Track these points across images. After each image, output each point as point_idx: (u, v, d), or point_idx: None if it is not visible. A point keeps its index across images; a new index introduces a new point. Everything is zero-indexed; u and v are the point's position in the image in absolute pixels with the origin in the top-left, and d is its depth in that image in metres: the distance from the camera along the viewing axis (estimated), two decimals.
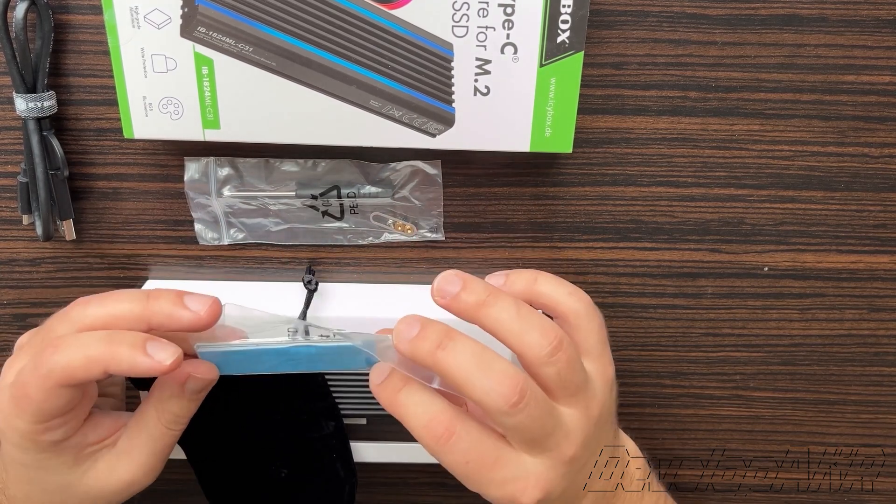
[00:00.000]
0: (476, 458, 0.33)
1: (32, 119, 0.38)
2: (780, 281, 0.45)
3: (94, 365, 0.31)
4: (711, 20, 0.39)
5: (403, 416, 0.33)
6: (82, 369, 0.31)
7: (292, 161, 0.41)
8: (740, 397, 0.48)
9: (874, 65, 0.40)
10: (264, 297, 0.43)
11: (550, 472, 0.33)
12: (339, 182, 0.41)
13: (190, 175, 0.41)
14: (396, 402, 0.33)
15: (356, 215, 0.42)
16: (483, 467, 0.33)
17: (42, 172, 0.38)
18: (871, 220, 0.44)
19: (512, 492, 0.33)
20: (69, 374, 0.31)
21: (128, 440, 0.35)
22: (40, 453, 0.34)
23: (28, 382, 0.32)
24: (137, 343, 0.31)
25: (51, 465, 0.34)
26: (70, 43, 0.38)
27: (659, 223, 0.43)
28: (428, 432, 0.32)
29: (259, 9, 0.35)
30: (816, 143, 0.42)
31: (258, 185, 0.41)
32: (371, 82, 0.36)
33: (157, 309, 0.32)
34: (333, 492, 0.44)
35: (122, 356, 0.31)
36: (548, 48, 0.36)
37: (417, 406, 0.33)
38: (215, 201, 0.41)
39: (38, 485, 0.35)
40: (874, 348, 0.47)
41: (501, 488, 0.33)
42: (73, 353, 0.31)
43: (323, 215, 0.42)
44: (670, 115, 0.41)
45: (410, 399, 0.33)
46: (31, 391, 0.31)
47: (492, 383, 0.31)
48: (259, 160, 0.41)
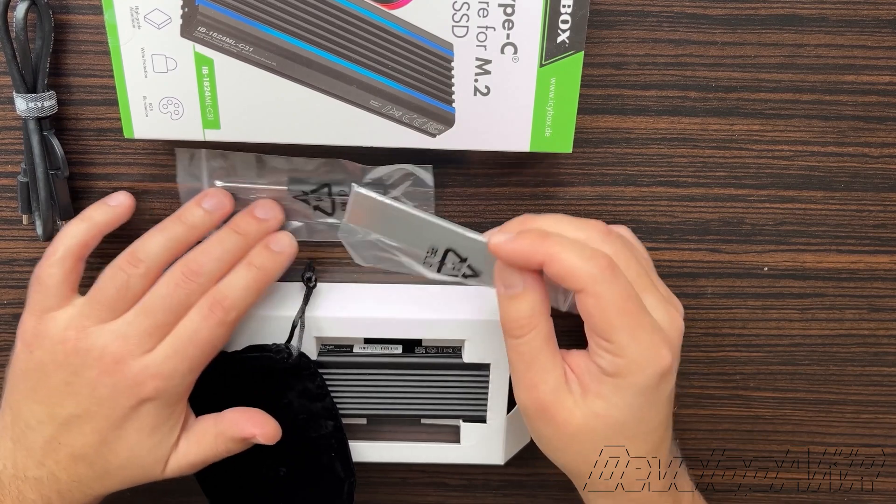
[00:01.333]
0: (634, 294, 0.33)
1: (33, 119, 0.38)
2: (780, 281, 0.45)
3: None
4: (711, 20, 0.39)
5: (558, 254, 0.33)
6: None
7: (284, 157, 0.41)
8: (740, 397, 0.48)
9: (874, 65, 0.40)
10: (264, 295, 0.42)
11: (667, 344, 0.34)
12: (331, 181, 0.41)
13: (182, 165, 0.41)
14: (547, 243, 0.34)
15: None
16: (640, 307, 0.33)
17: (42, 172, 0.38)
18: (871, 220, 0.44)
19: (656, 344, 0.33)
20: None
21: (186, 445, 0.40)
22: (170, 406, 0.38)
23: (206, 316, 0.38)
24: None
25: (142, 420, 0.38)
26: (70, 43, 0.38)
27: (659, 223, 0.43)
28: (595, 263, 0.33)
29: (259, 9, 0.35)
30: (816, 143, 0.42)
31: (250, 178, 0.41)
32: (371, 82, 0.36)
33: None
34: (332, 491, 0.44)
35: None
36: (548, 48, 0.36)
37: (573, 244, 0.34)
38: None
39: (105, 440, 0.38)
40: (874, 348, 0.47)
41: (651, 336, 0.33)
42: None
43: (314, 209, 0.42)
44: (670, 115, 0.41)
45: (562, 241, 0.34)
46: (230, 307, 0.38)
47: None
48: (251, 154, 0.41)
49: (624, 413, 0.34)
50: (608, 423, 0.35)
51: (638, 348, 0.33)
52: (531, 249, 0.34)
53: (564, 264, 0.33)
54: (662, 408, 0.36)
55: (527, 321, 0.35)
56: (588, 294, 0.33)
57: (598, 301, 0.33)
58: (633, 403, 0.34)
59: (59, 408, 0.37)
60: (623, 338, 0.33)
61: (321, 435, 0.43)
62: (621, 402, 0.34)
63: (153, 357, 0.37)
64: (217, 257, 0.38)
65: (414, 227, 0.37)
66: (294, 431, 0.42)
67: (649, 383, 0.34)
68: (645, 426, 0.36)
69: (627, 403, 0.34)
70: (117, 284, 0.37)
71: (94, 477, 0.38)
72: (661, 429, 0.36)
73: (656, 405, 0.35)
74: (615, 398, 0.34)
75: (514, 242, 0.34)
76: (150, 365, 0.37)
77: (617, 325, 0.33)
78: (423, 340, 0.43)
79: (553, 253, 0.33)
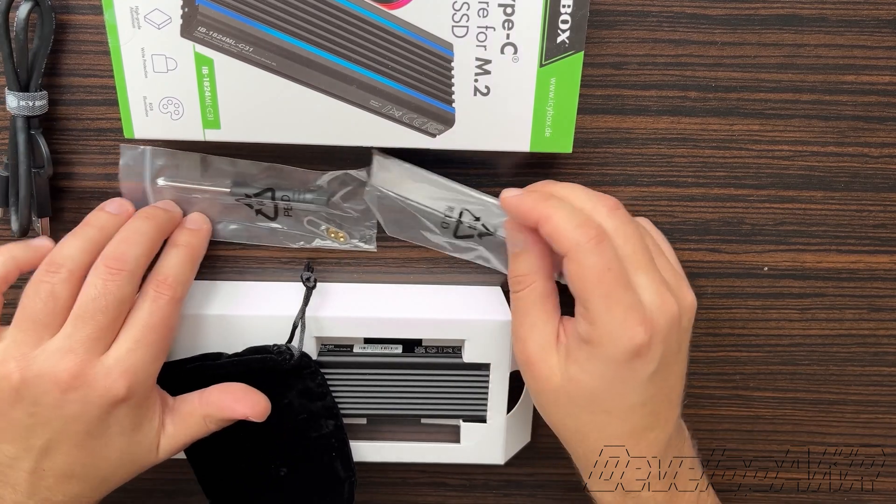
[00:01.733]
0: (617, 268, 0.34)
1: (21, 117, 0.38)
2: (780, 281, 0.45)
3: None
4: (711, 20, 0.39)
5: (552, 216, 0.35)
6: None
7: (229, 159, 0.41)
8: (740, 397, 0.48)
9: (874, 65, 0.40)
10: (264, 296, 0.43)
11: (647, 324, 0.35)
12: (275, 185, 0.41)
13: (125, 162, 0.41)
14: (546, 204, 0.35)
15: (290, 217, 0.42)
16: (619, 281, 0.34)
17: (25, 170, 0.38)
18: (871, 220, 0.44)
19: (630, 319, 0.34)
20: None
21: (173, 427, 0.39)
22: (144, 399, 0.37)
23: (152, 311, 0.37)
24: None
25: (122, 422, 0.37)
26: (70, 43, 0.39)
27: (659, 223, 0.43)
28: (583, 232, 0.34)
29: (259, 9, 0.35)
30: (816, 143, 0.42)
31: (193, 178, 0.41)
32: (371, 82, 0.36)
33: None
34: (333, 491, 0.44)
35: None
36: (548, 48, 0.36)
37: (570, 210, 0.35)
38: (149, 191, 0.41)
39: (91, 452, 0.37)
40: (874, 348, 0.47)
41: (626, 311, 0.34)
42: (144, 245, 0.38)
43: (256, 213, 0.42)
44: (670, 115, 0.41)
45: (560, 205, 0.35)
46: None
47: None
48: (195, 154, 0.41)
49: (595, 381, 0.35)
50: (581, 389, 0.36)
51: (611, 320, 0.34)
52: (531, 207, 0.35)
53: (554, 226, 0.34)
54: (639, 387, 0.35)
55: (524, 277, 0.37)
56: (571, 259, 0.34)
57: (579, 268, 0.34)
58: (605, 374, 0.35)
59: (31, 440, 0.36)
60: (598, 307, 0.34)
61: (322, 434, 0.43)
62: (594, 369, 0.35)
63: (113, 356, 0.36)
64: (136, 242, 0.37)
65: (432, 186, 0.40)
66: (295, 432, 0.42)
67: (619, 357, 0.34)
68: (621, 402, 0.36)
69: (600, 373, 0.35)
70: (43, 297, 0.35)
71: (92, 487, 0.38)
72: (641, 411, 0.36)
73: (630, 383, 0.35)
74: (588, 365, 0.35)
75: (519, 198, 0.36)
76: (112, 366, 0.36)
77: (593, 294, 0.34)
78: (423, 340, 0.43)
79: (548, 215, 0.35)
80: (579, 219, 0.34)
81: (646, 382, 0.35)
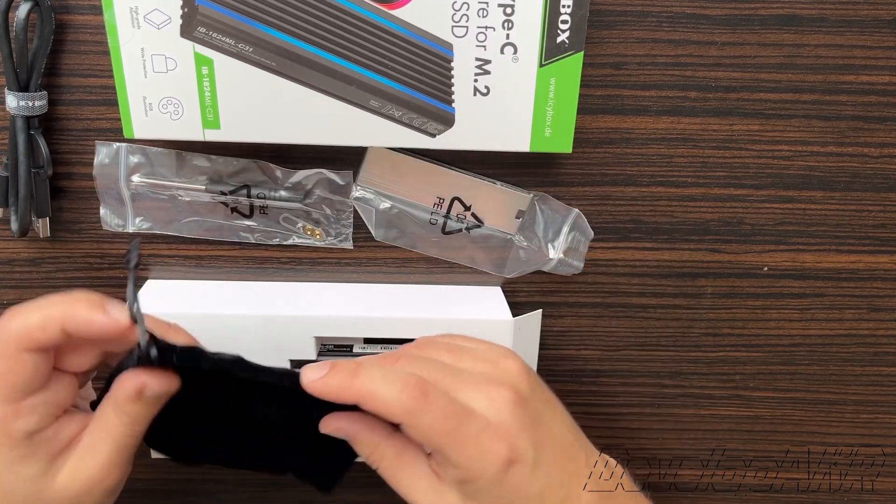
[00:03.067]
0: (454, 412, 0.32)
1: (21, 117, 0.38)
2: (780, 281, 0.45)
3: (52, 322, 0.30)
4: (711, 20, 0.39)
5: (371, 391, 0.32)
6: (39, 328, 0.30)
7: (205, 156, 0.41)
8: (740, 397, 0.48)
9: (874, 65, 0.40)
10: (264, 296, 0.43)
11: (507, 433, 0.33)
12: (251, 182, 0.41)
13: (100, 159, 0.40)
14: (356, 383, 0.32)
15: (265, 216, 0.42)
16: (459, 418, 0.32)
17: (25, 170, 0.38)
18: (870, 220, 0.44)
19: (485, 446, 0.33)
20: (28, 335, 0.30)
21: (90, 438, 0.34)
22: (13, 449, 0.32)
23: None
24: (95, 301, 0.31)
25: (23, 466, 0.33)
26: (70, 43, 0.38)
27: (659, 223, 0.43)
28: (408, 395, 0.32)
29: (259, 9, 0.35)
30: (816, 143, 0.42)
31: (168, 175, 0.41)
32: (371, 82, 0.36)
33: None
34: (326, 462, 0.42)
35: (79, 312, 0.30)
36: (547, 48, 0.36)
37: (384, 376, 0.32)
38: (123, 187, 0.41)
39: (4, 497, 0.33)
40: (874, 348, 0.47)
41: (477, 442, 0.32)
42: (29, 314, 0.31)
43: (232, 211, 0.42)
44: (670, 115, 0.41)
45: (372, 373, 0.33)
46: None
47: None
48: (171, 151, 0.40)
49: (499, 501, 0.34)
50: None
51: (472, 456, 0.33)
52: (345, 387, 0.33)
53: (380, 401, 0.32)
54: (536, 477, 0.34)
55: (372, 455, 0.35)
56: (408, 427, 0.33)
57: (421, 430, 0.33)
58: (501, 493, 0.34)
59: None
60: (455, 453, 0.33)
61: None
62: (489, 497, 0.34)
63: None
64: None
65: (422, 175, 0.40)
66: (293, 425, 0.41)
67: (499, 476, 0.33)
68: (532, 495, 0.34)
69: (497, 495, 0.34)
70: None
71: None
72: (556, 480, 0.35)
73: (524, 482, 0.34)
74: (481, 495, 0.34)
75: (324, 381, 0.33)
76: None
77: (445, 446, 0.33)
78: None
79: (368, 390, 0.32)
80: (395, 379, 0.32)
81: (535, 470, 0.34)
